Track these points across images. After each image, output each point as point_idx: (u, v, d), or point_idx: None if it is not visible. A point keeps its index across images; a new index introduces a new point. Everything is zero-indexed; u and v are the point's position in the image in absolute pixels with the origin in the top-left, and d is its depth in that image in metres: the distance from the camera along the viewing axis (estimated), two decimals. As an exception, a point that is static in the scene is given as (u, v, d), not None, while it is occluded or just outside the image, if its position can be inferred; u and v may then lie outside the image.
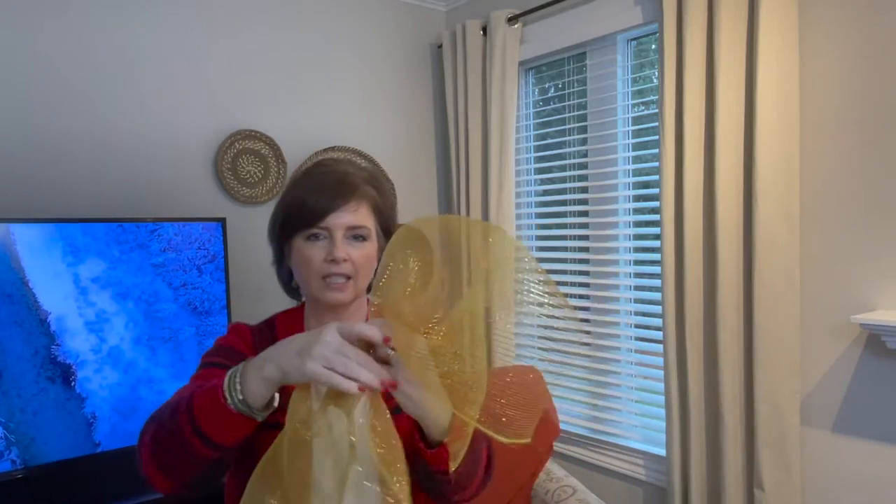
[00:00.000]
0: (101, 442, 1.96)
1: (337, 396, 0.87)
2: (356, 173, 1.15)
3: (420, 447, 0.99)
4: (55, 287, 1.90)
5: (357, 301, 1.15)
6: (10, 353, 1.83)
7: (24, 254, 1.86)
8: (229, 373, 0.89)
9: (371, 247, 1.13)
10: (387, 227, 1.17)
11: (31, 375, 1.86)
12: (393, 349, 0.89)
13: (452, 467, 0.94)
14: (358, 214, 1.11)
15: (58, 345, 1.90)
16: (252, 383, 0.86)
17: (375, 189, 1.16)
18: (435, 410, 0.95)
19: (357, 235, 1.11)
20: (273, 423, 0.92)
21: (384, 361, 0.89)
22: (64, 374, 1.91)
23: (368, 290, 1.16)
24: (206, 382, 0.90)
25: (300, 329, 1.17)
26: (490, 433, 0.88)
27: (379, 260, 1.06)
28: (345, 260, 1.08)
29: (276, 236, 1.17)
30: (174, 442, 0.89)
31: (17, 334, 1.85)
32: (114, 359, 1.99)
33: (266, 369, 0.86)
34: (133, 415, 2.02)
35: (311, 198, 1.09)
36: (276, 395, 0.90)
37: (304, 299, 1.21)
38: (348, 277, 1.10)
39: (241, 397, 0.86)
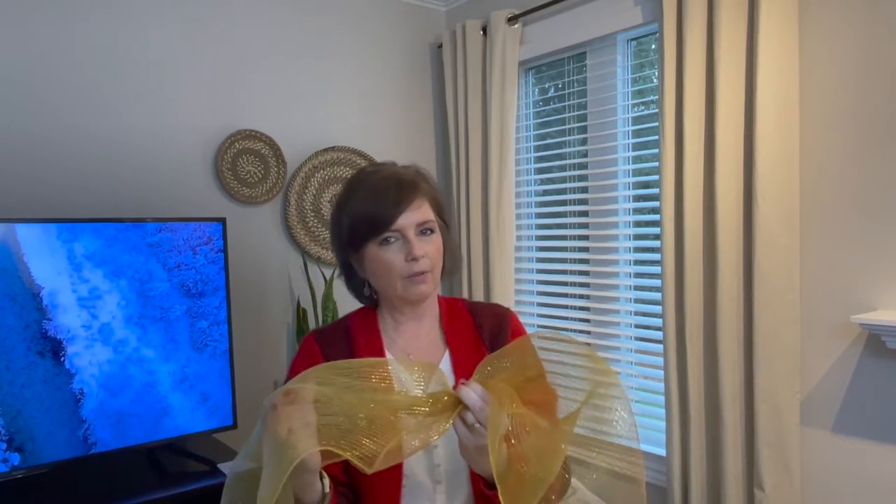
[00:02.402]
0: (88, 418, 1.95)
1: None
2: (405, 172, 1.21)
3: (479, 482, 1.11)
4: (49, 262, 1.90)
5: (430, 297, 1.24)
6: (2, 326, 1.83)
7: (20, 228, 1.86)
8: None
9: (438, 238, 1.20)
10: (443, 217, 1.25)
11: (21, 349, 1.86)
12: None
13: None
14: (422, 211, 1.18)
15: (49, 319, 1.90)
16: (298, 490, 0.98)
17: (427, 184, 1.23)
18: (479, 468, 1.06)
19: (426, 230, 1.18)
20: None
21: (469, 425, 0.98)
22: (54, 349, 1.91)
23: (443, 275, 1.27)
24: None
25: (375, 330, 1.24)
26: None
27: (445, 249, 1.22)
28: (423, 256, 1.15)
29: (343, 249, 1.23)
30: None
31: (9, 307, 1.84)
32: (104, 336, 1.98)
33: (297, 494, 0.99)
34: (121, 392, 2.01)
35: (375, 205, 1.15)
36: (324, 486, 1.02)
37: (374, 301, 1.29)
38: (428, 270, 1.17)
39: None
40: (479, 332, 1.27)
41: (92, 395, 1.97)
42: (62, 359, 1.92)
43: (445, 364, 1.22)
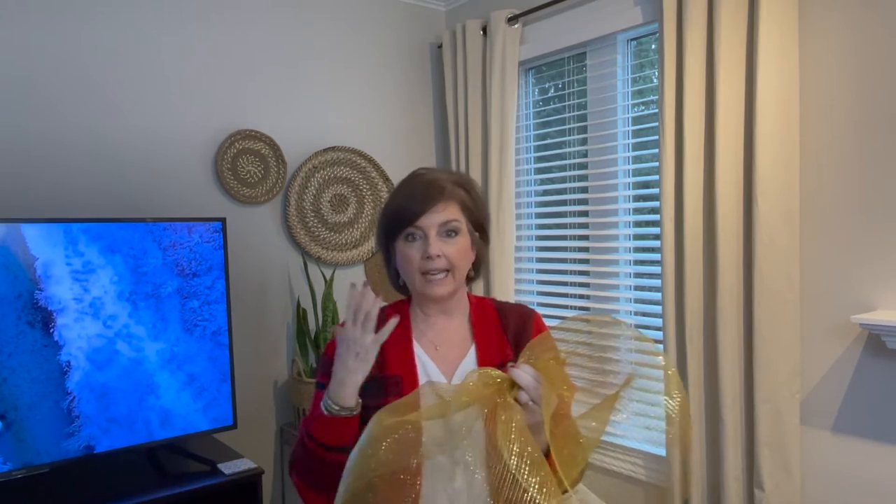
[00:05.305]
0: (73, 391, 1.95)
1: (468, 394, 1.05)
2: (445, 177, 1.27)
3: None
4: (45, 233, 1.91)
5: (458, 294, 1.31)
6: None
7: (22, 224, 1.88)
8: (324, 400, 1.16)
9: (464, 241, 1.26)
10: (478, 223, 1.30)
11: (11, 318, 1.86)
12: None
13: (568, 486, 1.06)
14: (447, 212, 1.24)
15: (41, 290, 1.90)
16: (339, 397, 1.14)
17: (464, 189, 1.28)
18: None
19: (449, 230, 1.23)
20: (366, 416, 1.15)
21: (523, 404, 1.07)
22: (44, 319, 1.91)
23: (468, 280, 1.33)
24: (314, 415, 1.19)
25: (406, 321, 1.32)
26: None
27: (474, 253, 1.29)
28: (439, 256, 1.22)
29: (382, 242, 1.32)
30: (313, 463, 1.17)
31: (2, 276, 1.85)
32: (95, 310, 1.98)
33: (345, 385, 1.14)
34: (107, 367, 2.01)
35: (405, 203, 1.24)
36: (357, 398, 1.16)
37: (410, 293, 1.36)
38: (446, 271, 1.23)
39: (336, 408, 1.14)
40: (504, 330, 1.33)
41: (78, 368, 1.97)
42: (51, 330, 1.92)
43: (471, 358, 1.29)
